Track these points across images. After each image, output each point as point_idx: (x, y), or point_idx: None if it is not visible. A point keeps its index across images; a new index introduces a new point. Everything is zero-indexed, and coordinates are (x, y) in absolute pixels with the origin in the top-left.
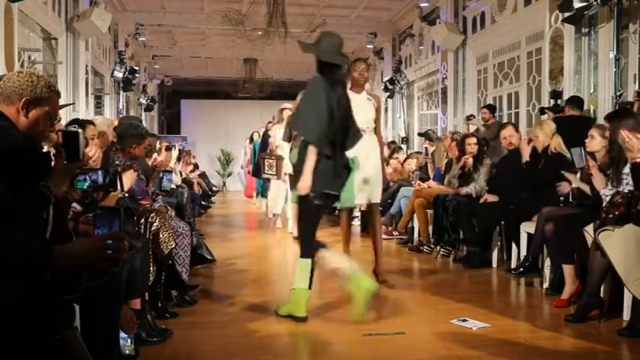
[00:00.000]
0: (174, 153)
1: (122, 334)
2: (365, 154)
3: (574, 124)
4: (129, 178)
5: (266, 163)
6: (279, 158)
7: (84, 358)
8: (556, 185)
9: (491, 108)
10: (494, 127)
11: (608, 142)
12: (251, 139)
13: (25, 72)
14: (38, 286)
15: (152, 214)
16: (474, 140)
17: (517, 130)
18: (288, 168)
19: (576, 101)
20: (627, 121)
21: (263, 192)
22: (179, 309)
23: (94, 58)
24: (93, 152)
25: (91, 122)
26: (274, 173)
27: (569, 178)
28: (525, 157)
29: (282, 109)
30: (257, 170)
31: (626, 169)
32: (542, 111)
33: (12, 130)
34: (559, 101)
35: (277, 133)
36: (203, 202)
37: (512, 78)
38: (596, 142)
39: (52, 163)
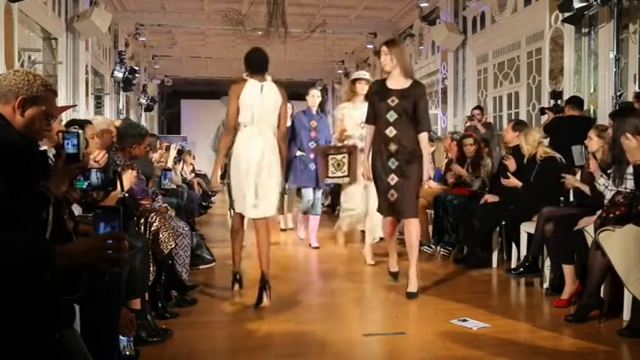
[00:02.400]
0: (172, 152)
1: (121, 337)
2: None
3: (574, 124)
4: (129, 178)
5: (331, 162)
6: (353, 149)
7: (84, 359)
8: (560, 181)
9: (481, 108)
10: (491, 127)
11: (611, 140)
12: None
13: (22, 71)
14: (38, 286)
15: (152, 214)
16: (470, 141)
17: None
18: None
19: (576, 101)
20: (631, 120)
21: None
22: (179, 309)
23: (94, 58)
24: (100, 155)
25: (88, 122)
26: (346, 174)
27: (568, 179)
28: (512, 167)
29: (356, 80)
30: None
31: (630, 169)
32: (542, 111)
33: (7, 129)
34: (559, 101)
35: (350, 113)
36: (203, 203)
37: (512, 78)
38: (593, 142)
39: (52, 164)
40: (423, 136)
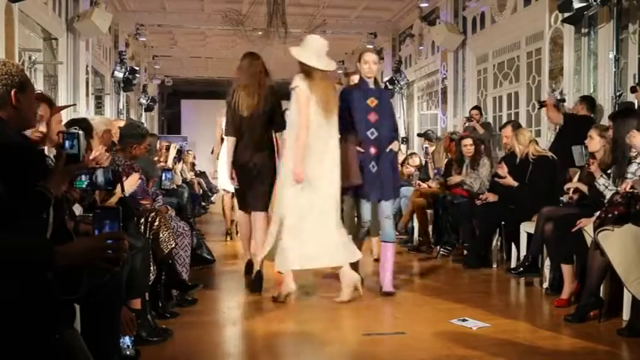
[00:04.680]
0: (172, 152)
1: (122, 337)
2: None
3: (574, 124)
4: (133, 182)
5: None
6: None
7: (84, 358)
8: (563, 189)
9: (479, 108)
10: (489, 128)
11: (612, 140)
12: None
13: None
14: (38, 286)
15: (152, 214)
16: (469, 141)
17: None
18: None
19: (589, 101)
20: (631, 121)
21: None
22: (179, 309)
23: (94, 58)
24: (105, 157)
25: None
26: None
27: (572, 184)
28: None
29: None
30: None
31: (632, 168)
32: (540, 104)
33: (5, 129)
34: (558, 95)
35: None
36: (203, 202)
37: (512, 78)
38: (594, 142)
39: (52, 164)
40: None
